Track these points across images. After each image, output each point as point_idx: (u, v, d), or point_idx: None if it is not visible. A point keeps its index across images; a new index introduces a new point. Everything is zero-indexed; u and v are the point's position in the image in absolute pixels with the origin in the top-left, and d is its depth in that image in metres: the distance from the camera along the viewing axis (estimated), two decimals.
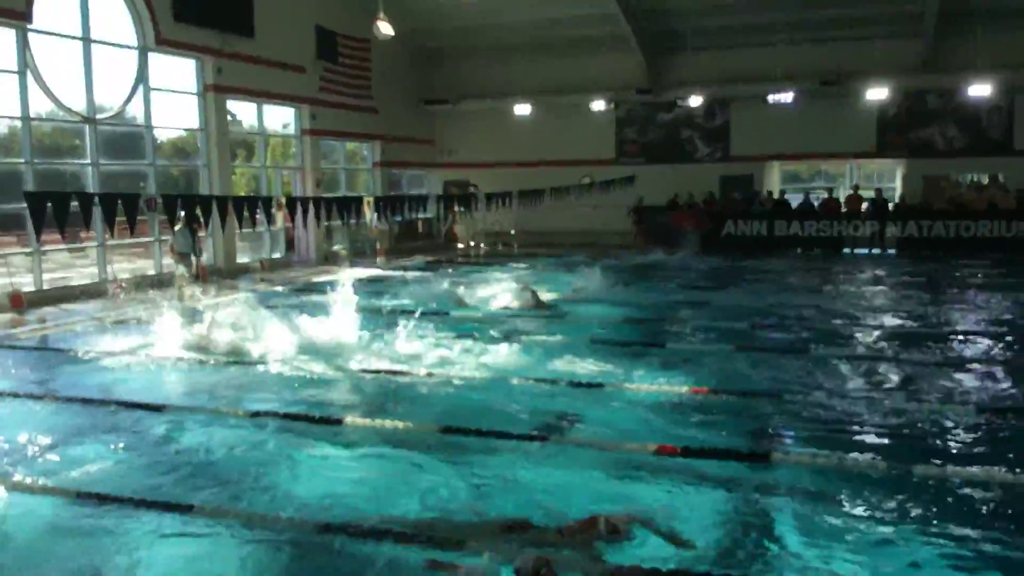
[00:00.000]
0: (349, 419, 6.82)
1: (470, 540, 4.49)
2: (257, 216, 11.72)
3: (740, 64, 23.62)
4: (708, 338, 10.36)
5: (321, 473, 5.84)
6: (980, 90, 21.08)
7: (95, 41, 15.51)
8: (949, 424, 6.72)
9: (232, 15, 18.21)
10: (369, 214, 16.39)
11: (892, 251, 21.28)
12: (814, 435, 6.43)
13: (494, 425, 6.58)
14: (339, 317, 10.23)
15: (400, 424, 6.69)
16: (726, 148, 25.01)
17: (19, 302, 13.31)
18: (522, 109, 25.10)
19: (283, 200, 14.43)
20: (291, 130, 21.66)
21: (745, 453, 5.92)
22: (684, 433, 6.50)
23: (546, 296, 13.28)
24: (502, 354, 9.38)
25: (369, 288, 15.38)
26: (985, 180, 22.98)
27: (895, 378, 8.25)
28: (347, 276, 17.31)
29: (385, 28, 18.47)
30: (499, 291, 13.56)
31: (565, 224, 24.48)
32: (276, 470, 5.86)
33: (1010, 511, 5.00)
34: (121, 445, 6.41)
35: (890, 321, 11.63)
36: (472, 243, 25.30)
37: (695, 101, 23.91)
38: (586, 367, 8.71)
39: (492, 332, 10.65)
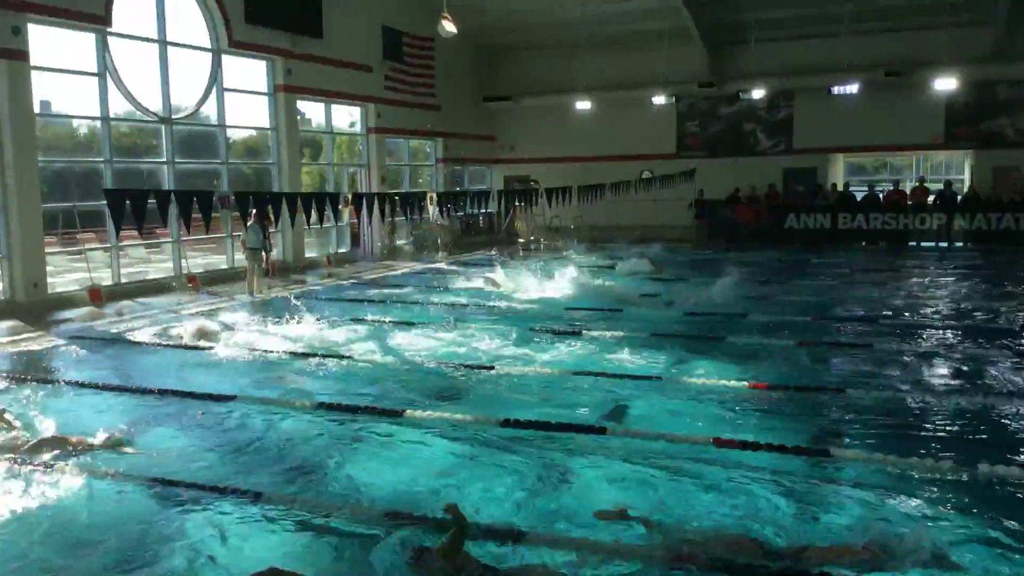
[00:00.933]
0: (408, 411, 7.08)
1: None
2: (324, 212, 12.08)
3: (804, 55, 23.34)
4: (770, 333, 10.40)
5: (394, 462, 6.11)
6: None
7: (171, 44, 16.10)
8: (1017, 422, 6.71)
9: (301, 17, 18.71)
10: (432, 209, 16.78)
11: (959, 244, 20.87)
12: (876, 432, 6.48)
13: (555, 416, 6.79)
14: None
15: (459, 415, 6.93)
16: (789, 140, 24.73)
17: (98, 296, 13.93)
18: (582, 104, 25.19)
19: (349, 197, 14.85)
20: (357, 128, 22.14)
21: (804, 448, 6.00)
22: (744, 426, 6.62)
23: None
24: (566, 349, 9.58)
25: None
26: None
27: (962, 374, 8.20)
28: (419, 268, 17.70)
29: (449, 26, 18.76)
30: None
31: (626, 218, 24.51)
32: (342, 460, 6.12)
33: None
34: (191, 433, 6.76)
35: (958, 315, 11.48)
36: (533, 238, 25.52)
37: (758, 93, 23.69)
38: (646, 360, 8.87)
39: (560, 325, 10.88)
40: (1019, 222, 20.39)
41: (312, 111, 20.73)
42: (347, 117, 21.98)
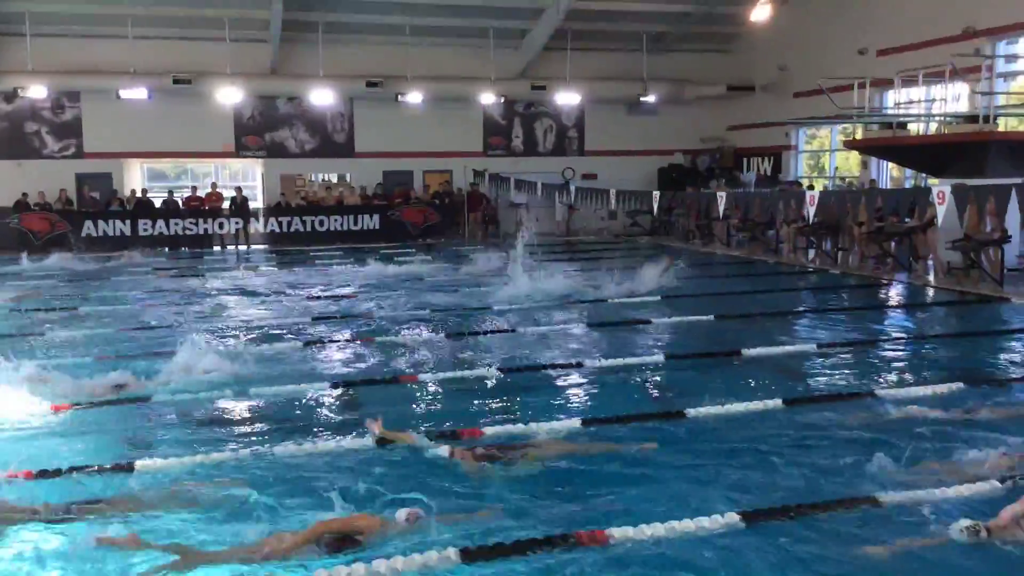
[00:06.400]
0: None
1: None
2: None
3: (89, 55, 22.18)
4: (65, 351, 9.67)
5: None
6: (322, 97, 23.25)
7: None
8: (307, 401, 7.45)
9: None
10: None
11: (261, 246, 22.44)
12: (182, 436, 6.53)
13: None
14: None
15: None
16: (80, 144, 23.31)
17: None
18: None
19: None
20: None
21: (108, 467, 5.74)
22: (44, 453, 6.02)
23: None
24: None
25: None
26: (334, 179, 25.64)
27: (251, 364, 8.68)
28: None
29: None
30: None
31: None
32: None
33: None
34: None
35: (241, 313, 12.27)
36: None
37: (39, 92, 21.78)
38: None
39: None
40: (305, 224, 22.96)
41: None
42: None
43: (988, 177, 13.43)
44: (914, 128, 16.97)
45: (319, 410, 7.30)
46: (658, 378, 8.37)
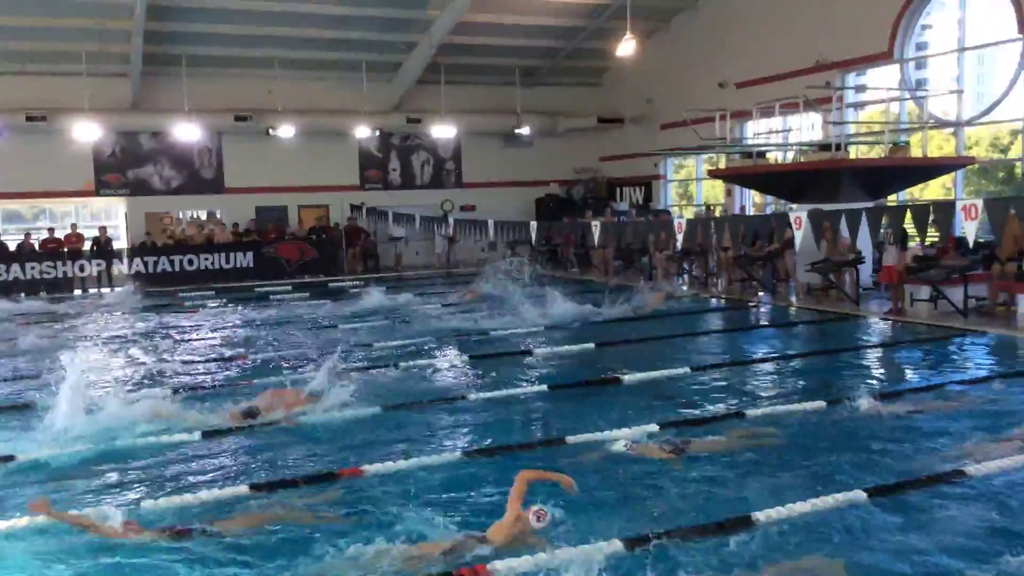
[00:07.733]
0: None
1: None
2: None
3: None
4: None
5: None
6: (187, 132, 22.46)
7: None
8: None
9: None
10: None
11: (126, 288, 21.31)
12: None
13: None
14: None
15: None
16: None
17: None
18: None
19: None
20: None
21: None
22: None
23: None
24: None
25: None
26: (204, 216, 24.78)
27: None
28: None
29: None
30: None
31: None
32: None
33: None
34: None
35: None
36: None
37: None
38: None
39: None
40: (174, 264, 22.02)
41: None
42: None
43: (842, 202, 14.21)
44: (772, 157, 17.85)
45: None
46: (539, 407, 8.41)
